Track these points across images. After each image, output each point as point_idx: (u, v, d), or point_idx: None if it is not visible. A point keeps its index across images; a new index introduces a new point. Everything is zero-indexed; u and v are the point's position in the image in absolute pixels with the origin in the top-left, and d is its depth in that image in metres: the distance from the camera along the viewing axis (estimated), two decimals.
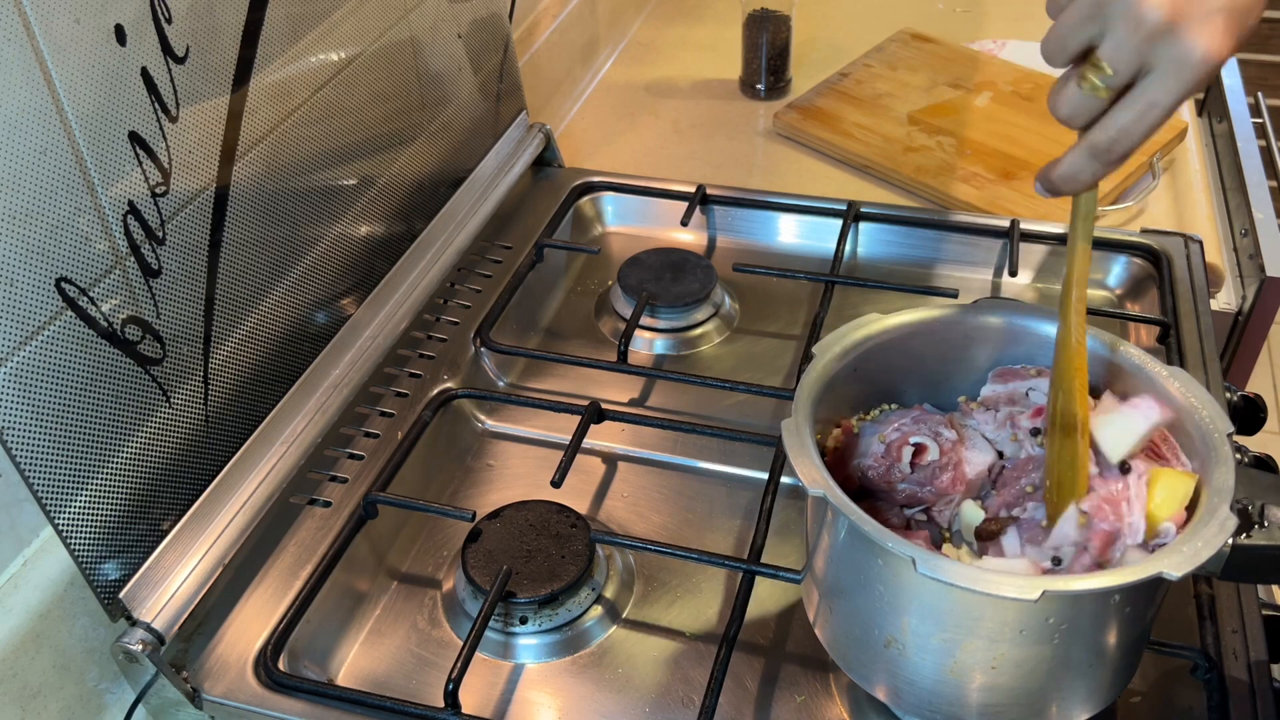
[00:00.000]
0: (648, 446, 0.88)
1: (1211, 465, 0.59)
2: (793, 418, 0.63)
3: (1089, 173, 0.58)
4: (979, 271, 1.06)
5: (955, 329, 0.70)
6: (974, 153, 1.21)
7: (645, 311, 0.97)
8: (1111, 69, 0.55)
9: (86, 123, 0.62)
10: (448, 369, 0.92)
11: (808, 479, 0.59)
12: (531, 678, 0.72)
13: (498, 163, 1.11)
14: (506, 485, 0.86)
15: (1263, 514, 0.57)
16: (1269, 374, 2.47)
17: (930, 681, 0.60)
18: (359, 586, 0.77)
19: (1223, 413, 0.61)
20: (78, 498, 0.64)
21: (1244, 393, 0.93)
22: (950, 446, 0.67)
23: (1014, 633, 0.56)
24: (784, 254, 1.10)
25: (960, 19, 1.55)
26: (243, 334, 0.77)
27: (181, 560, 0.71)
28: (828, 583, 0.64)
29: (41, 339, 0.61)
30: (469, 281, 1.01)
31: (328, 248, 0.86)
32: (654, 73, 1.45)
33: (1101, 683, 0.61)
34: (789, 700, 0.70)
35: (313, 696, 0.68)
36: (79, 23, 0.60)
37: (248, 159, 0.75)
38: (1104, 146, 0.57)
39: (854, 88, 1.34)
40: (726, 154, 1.28)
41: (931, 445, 0.66)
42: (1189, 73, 0.54)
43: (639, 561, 0.79)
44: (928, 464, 0.66)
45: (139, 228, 0.67)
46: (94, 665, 0.70)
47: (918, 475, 0.66)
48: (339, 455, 0.83)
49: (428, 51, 0.97)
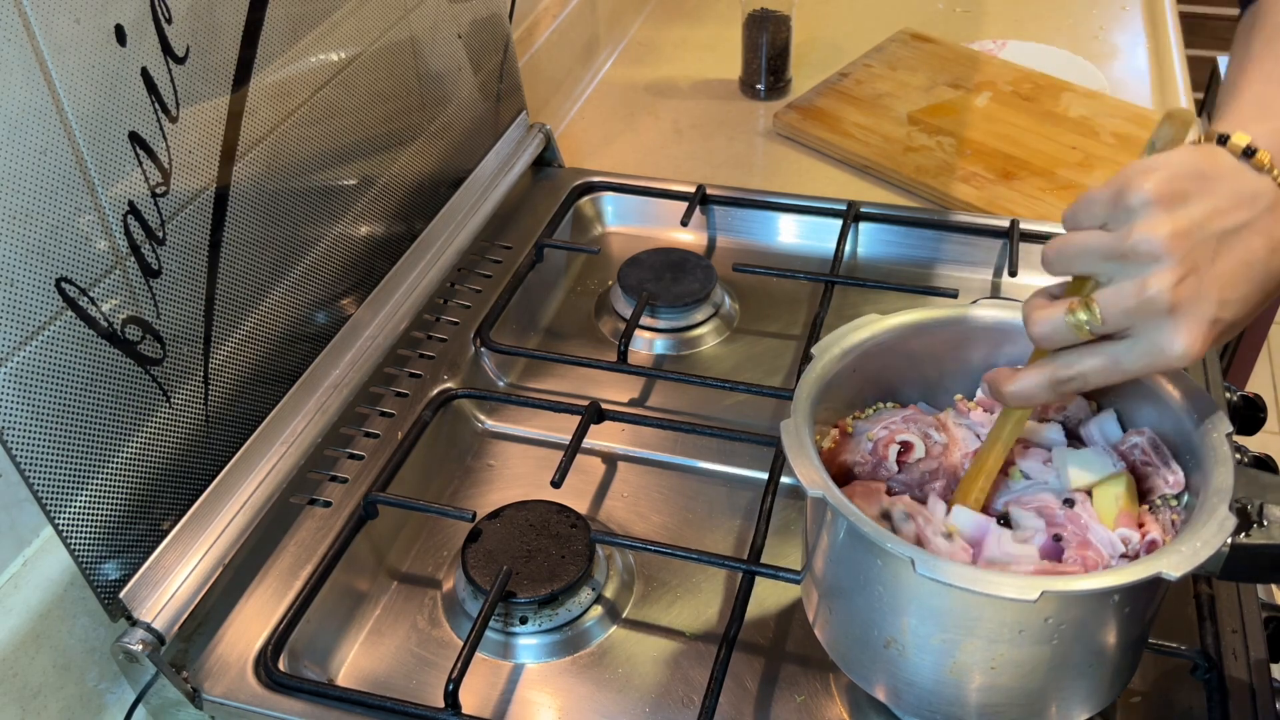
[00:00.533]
0: (648, 446, 0.88)
1: (1211, 465, 0.59)
2: (792, 418, 0.63)
3: (1041, 397, 0.60)
4: (979, 271, 1.06)
5: (954, 329, 0.70)
6: (974, 153, 1.21)
7: (645, 311, 0.97)
8: (1103, 318, 0.55)
9: (86, 123, 0.62)
10: (448, 369, 0.92)
11: (807, 480, 0.59)
12: (531, 678, 0.72)
13: (498, 163, 1.11)
14: (506, 485, 0.86)
15: (1261, 513, 0.57)
16: (1269, 374, 2.48)
17: (930, 682, 0.60)
18: (359, 586, 0.77)
19: (1222, 413, 0.61)
20: (78, 498, 0.64)
21: (1244, 393, 0.93)
22: (940, 450, 0.67)
23: (1013, 633, 0.56)
24: (784, 254, 1.10)
25: (960, 19, 1.55)
26: (243, 334, 0.77)
27: (181, 560, 0.71)
28: (827, 583, 0.64)
29: (42, 339, 0.61)
30: (469, 281, 1.01)
31: (328, 248, 0.86)
32: (654, 73, 1.45)
33: (1101, 683, 0.61)
34: (789, 700, 0.70)
35: (313, 696, 0.68)
36: (79, 23, 0.60)
37: (248, 159, 0.75)
38: (1062, 380, 0.59)
39: (854, 88, 1.34)
40: (726, 154, 1.28)
41: (919, 444, 0.67)
42: (1161, 359, 0.55)
43: (639, 561, 0.79)
44: (914, 462, 0.66)
45: (139, 228, 0.67)
46: (94, 665, 0.70)
47: (904, 475, 0.66)
48: (339, 455, 0.84)
49: (428, 51, 0.97)
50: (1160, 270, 0.53)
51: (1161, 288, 0.53)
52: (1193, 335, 0.54)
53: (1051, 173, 1.16)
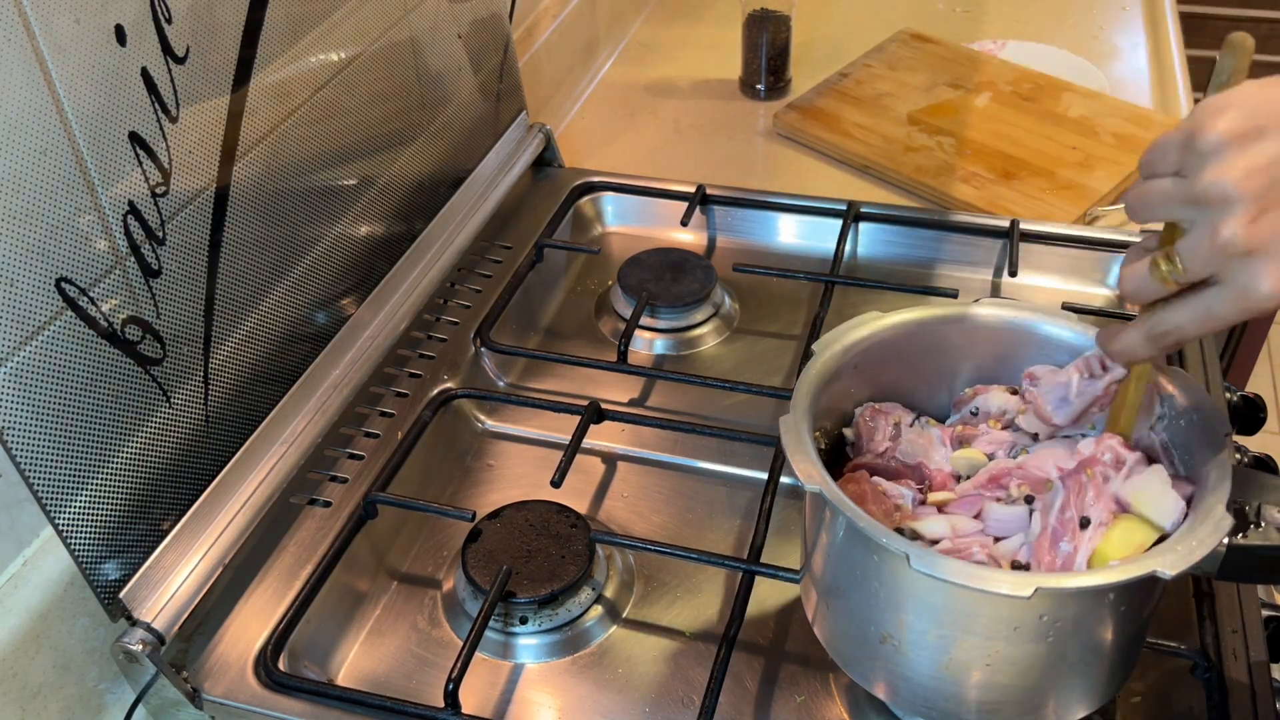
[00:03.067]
0: (648, 446, 0.88)
1: (1209, 466, 0.59)
2: (791, 414, 0.63)
3: (1144, 352, 0.60)
4: (979, 271, 1.06)
5: (955, 328, 0.71)
6: (974, 153, 1.21)
7: (645, 311, 0.97)
8: (1184, 267, 0.55)
9: (86, 123, 0.62)
10: (448, 369, 0.92)
11: (805, 475, 0.59)
12: (531, 678, 0.72)
13: (498, 163, 1.11)
14: (506, 485, 0.86)
15: (1259, 514, 0.57)
16: (1269, 374, 2.47)
17: (926, 678, 0.60)
18: (359, 586, 0.77)
19: (1221, 413, 0.61)
20: (78, 498, 0.64)
21: (1244, 393, 0.92)
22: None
23: (1008, 629, 0.56)
24: (784, 254, 1.10)
25: (960, 19, 1.55)
26: (243, 334, 0.77)
27: (181, 560, 0.71)
28: (825, 580, 0.64)
29: (42, 339, 0.61)
30: (469, 281, 1.01)
31: (328, 248, 0.86)
32: (654, 73, 1.45)
33: (1098, 680, 0.61)
34: (789, 700, 0.70)
35: (313, 696, 0.68)
36: (79, 23, 0.60)
37: (248, 159, 0.75)
38: (1159, 335, 0.58)
39: (854, 88, 1.34)
40: (726, 154, 1.28)
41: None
42: (1251, 301, 0.54)
43: (639, 561, 0.79)
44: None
45: (139, 228, 0.67)
46: (94, 665, 0.70)
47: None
48: (339, 455, 0.84)
49: (428, 52, 0.97)
50: (1235, 212, 0.52)
51: (1236, 229, 0.52)
52: (1278, 275, 0.52)
53: (1051, 173, 1.16)
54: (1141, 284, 0.57)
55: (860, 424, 0.70)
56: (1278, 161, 0.52)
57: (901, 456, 0.67)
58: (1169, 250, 0.55)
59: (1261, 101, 0.53)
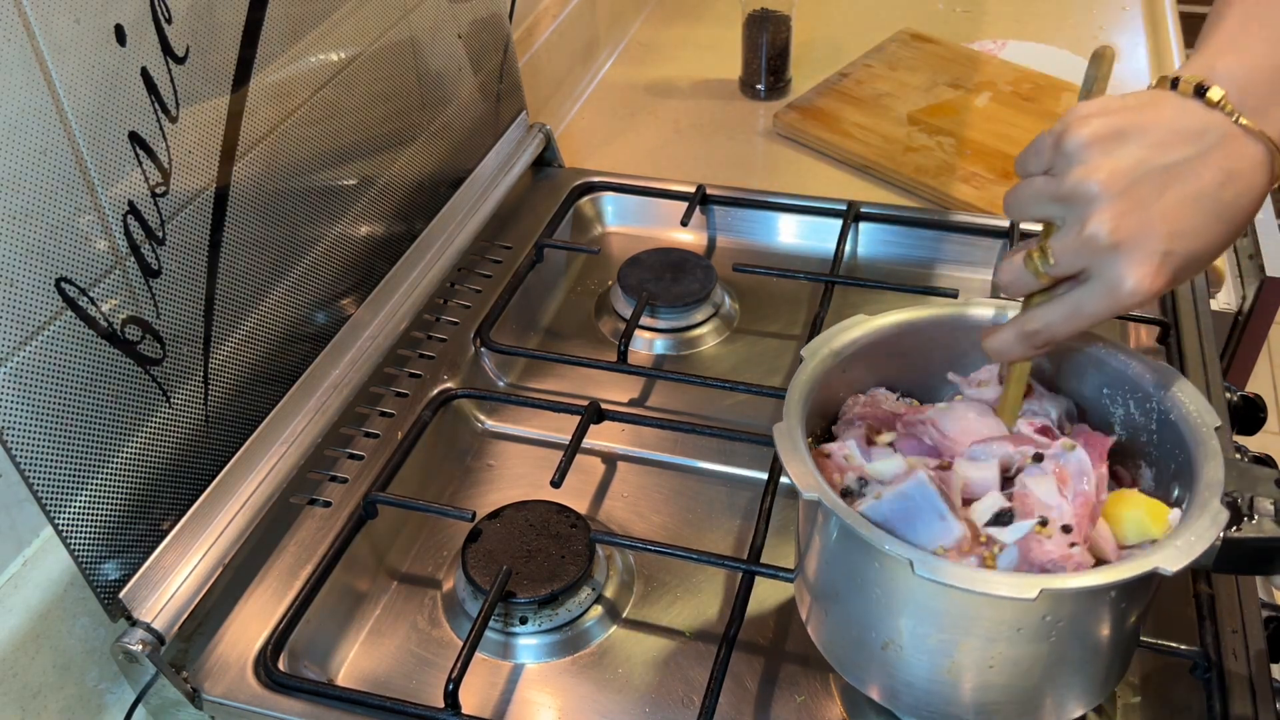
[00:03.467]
0: (648, 446, 0.88)
1: (1201, 459, 0.59)
2: (784, 421, 0.63)
3: (1017, 350, 0.62)
4: (979, 271, 1.06)
5: (946, 327, 0.70)
6: (974, 153, 1.21)
7: (645, 311, 0.97)
8: (1055, 260, 0.57)
9: (86, 123, 0.62)
10: (448, 369, 0.92)
11: (801, 482, 0.59)
12: (531, 678, 0.72)
13: (498, 163, 1.11)
14: (506, 485, 0.86)
15: (1252, 506, 0.58)
16: (1269, 374, 2.47)
17: (926, 682, 0.60)
18: (359, 586, 0.77)
19: (1209, 406, 0.61)
20: (78, 498, 0.64)
21: (1244, 393, 0.92)
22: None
23: (1011, 631, 0.56)
24: (784, 254, 1.10)
25: (960, 19, 1.55)
26: (243, 334, 0.77)
27: (181, 560, 0.71)
28: (821, 586, 0.64)
29: (41, 339, 0.61)
30: (469, 281, 1.01)
31: (328, 248, 0.86)
32: (654, 73, 1.45)
33: (1096, 678, 0.61)
34: (789, 700, 0.70)
35: (313, 696, 0.68)
36: (79, 23, 0.60)
37: (248, 159, 0.75)
38: (1030, 333, 0.61)
39: (854, 88, 1.34)
40: (726, 154, 1.28)
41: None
42: (1117, 296, 0.56)
43: (639, 561, 0.79)
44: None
45: (139, 228, 0.67)
46: (94, 665, 0.70)
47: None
48: (339, 455, 0.84)
49: (428, 52, 0.97)
50: (1100, 208, 0.55)
51: (1100, 224, 0.55)
52: (1143, 269, 0.55)
53: None
54: (1016, 276, 0.60)
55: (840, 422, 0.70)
56: (1140, 164, 0.56)
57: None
58: (1044, 245, 0.58)
59: (1127, 108, 0.58)
